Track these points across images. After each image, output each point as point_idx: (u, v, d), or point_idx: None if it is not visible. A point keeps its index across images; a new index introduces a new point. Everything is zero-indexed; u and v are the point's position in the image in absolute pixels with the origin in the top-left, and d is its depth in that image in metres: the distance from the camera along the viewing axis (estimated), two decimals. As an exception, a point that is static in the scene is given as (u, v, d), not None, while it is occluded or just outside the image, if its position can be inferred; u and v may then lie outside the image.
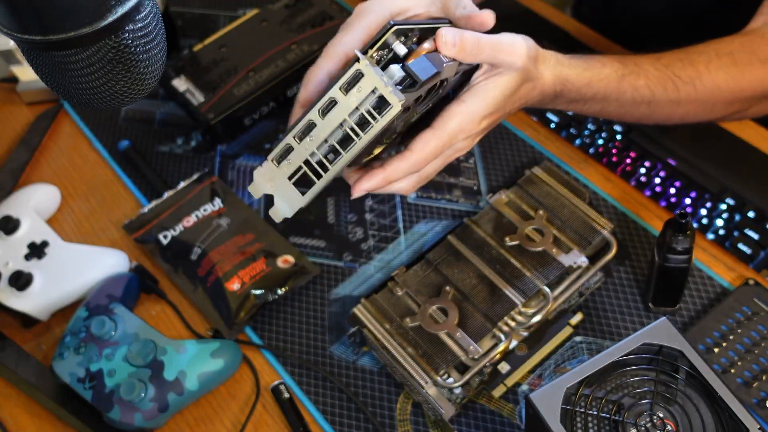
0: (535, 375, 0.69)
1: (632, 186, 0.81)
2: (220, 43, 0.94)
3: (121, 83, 0.48)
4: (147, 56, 0.48)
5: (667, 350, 0.57)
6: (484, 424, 0.67)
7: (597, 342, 0.70)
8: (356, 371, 0.71)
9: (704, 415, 0.56)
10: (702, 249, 0.75)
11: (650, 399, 0.56)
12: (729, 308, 0.69)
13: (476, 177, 0.83)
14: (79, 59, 0.45)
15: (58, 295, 0.75)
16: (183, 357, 0.68)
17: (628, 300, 0.72)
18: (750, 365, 0.66)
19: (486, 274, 0.70)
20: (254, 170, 0.56)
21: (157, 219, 0.81)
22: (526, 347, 0.69)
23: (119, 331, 0.70)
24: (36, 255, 0.76)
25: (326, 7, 0.96)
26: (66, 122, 0.95)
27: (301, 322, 0.75)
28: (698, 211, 0.78)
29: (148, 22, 0.47)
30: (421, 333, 0.67)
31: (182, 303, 0.78)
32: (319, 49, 0.91)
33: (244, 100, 0.87)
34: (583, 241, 0.71)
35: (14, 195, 0.83)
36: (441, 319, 0.68)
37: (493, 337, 0.67)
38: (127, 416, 0.66)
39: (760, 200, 0.78)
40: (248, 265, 0.75)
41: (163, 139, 0.92)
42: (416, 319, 0.68)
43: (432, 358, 0.65)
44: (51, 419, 0.71)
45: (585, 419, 0.56)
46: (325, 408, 0.69)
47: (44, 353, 0.75)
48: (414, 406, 0.68)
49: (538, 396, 0.56)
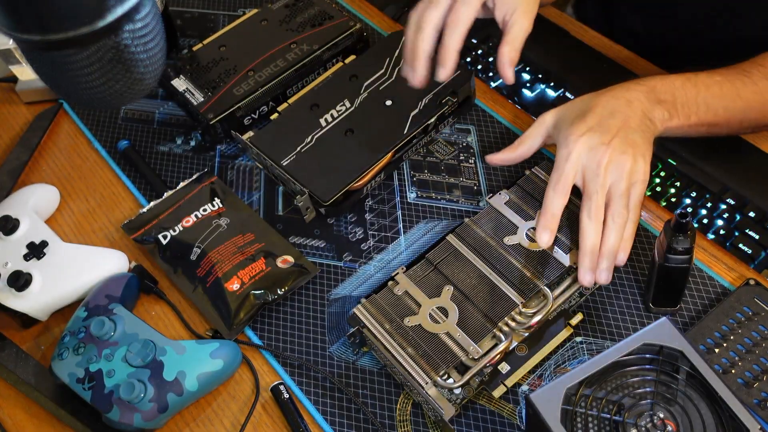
0: (536, 375, 0.69)
1: (632, 186, 0.81)
2: (219, 43, 0.94)
3: (120, 83, 0.48)
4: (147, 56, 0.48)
5: (667, 350, 0.57)
6: (484, 424, 0.66)
7: (597, 342, 0.70)
8: (356, 371, 0.71)
9: (705, 415, 0.56)
10: (702, 249, 0.75)
11: (651, 399, 0.56)
12: (729, 308, 0.69)
13: (476, 177, 0.83)
14: (79, 59, 0.45)
15: (57, 295, 0.75)
16: (182, 357, 0.68)
17: (629, 300, 0.72)
18: (751, 365, 0.66)
19: (486, 274, 0.70)
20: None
21: (156, 219, 0.81)
22: (526, 347, 0.69)
23: (118, 332, 0.70)
24: (35, 255, 0.76)
25: (326, 6, 0.96)
26: (65, 122, 0.95)
27: (301, 322, 0.75)
28: (698, 211, 0.78)
29: (147, 22, 0.47)
30: (421, 333, 0.67)
31: (181, 303, 0.78)
32: (319, 48, 0.92)
33: (243, 99, 0.87)
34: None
35: (13, 195, 0.83)
36: (441, 320, 0.68)
37: (494, 337, 0.67)
38: (127, 417, 0.66)
39: (760, 200, 0.77)
40: (248, 266, 0.75)
41: (162, 139, 0.92)
42: (416, 319, 0.68)
43: (432, 359, 0.65)
44: (50, 420, 0.71)
45: (585, 419, 0.56)
46: (325, 408, 0.69)
47: (43, 353, 0.75)
48: (414, 407, 0.68)
49: (538, 396, 0.56)
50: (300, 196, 0.78)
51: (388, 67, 0.87)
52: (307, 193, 0.78)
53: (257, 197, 0.84)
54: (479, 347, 0.65)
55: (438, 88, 0.84)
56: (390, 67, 0.87)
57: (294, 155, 0.81)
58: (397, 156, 0.82)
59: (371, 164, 0.80)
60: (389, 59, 0.88)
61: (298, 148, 0.81)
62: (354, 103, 0.85)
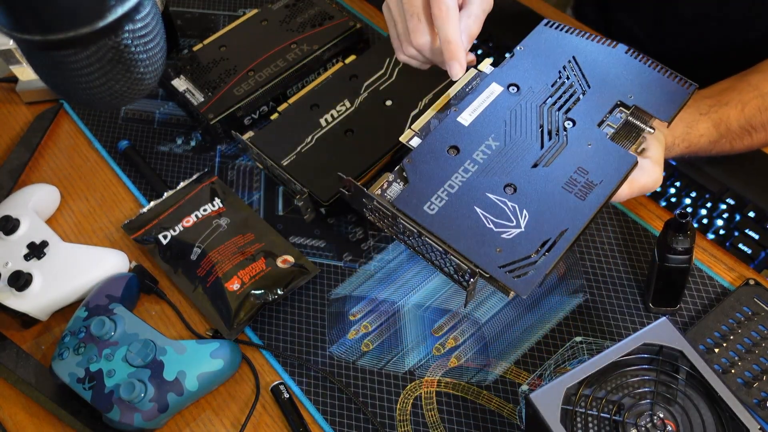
0: (535, 375, 0.69)
1: (632, 186, 0.81)
2: (219, 43, 0.94)
3: (120, 83, 0.48)
4: (147, 56, 0.48)
5: (667, 350, 0.57)
6: (484, 424, 0.67)
7: (597, 342, 0.70)
8: (356, 371, 0.71)
9: (704, 415, 0.56)
10: (702, 249, 0.75)
11: (650, 399, 0.56)
12: (729, 308, 0.69)
13: (476, 177, 0.83)
14: (79, 59, 0.45)
15: (57, 295, 0.75)
16: (183, 357, 0.68)
17: (628, 300, 0.72)
18: (750, 365, 0.66)
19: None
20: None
21: (156, 219, 0.81)
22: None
23: (119, 332, 0.70)
24: (35, 255, 0.76)
25: (326, 6, 0.96)
26: (65, 122, 0.95)
27: (301, 322, 0.75)
28: (698, 211, 0.78)
29: (148, 22, 0.47)
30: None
31: (182, 303, 0.78)
32: (319, 48, 0.92)
33: (243, 99, 0.87)
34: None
35: (13, 195, 0.83)
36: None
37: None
38: (127, 416, 0.66)
39: (760, 200, 0.77)
40: (248, 266, 0.75)
41: (162, 139, 0.92)
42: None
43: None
44: (50, 419, 0.71)
45: (585, 419, 0.56)
46: (325, 408, 0.69)
47: (44, 353, 0.75)
48: (414, 407, 0.68)
49: (538, 396, 0.56)
50: (300, 196, 0.78)
51: (388, 67, 0.87)
52: (307, 193, 0.78)
53: (257, 197, 0.84)
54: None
55: (438, 88, 0.84)
56: (390, 67, 0.87)
57: (294, 155, 0.81)
58: (396, 156, 0.81)
59: (371, 164, 0.80)
60: (389, 59, 0.88)
61: (298, 148, 0.81)
62: (354, 103, 0.85)
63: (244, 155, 0.88)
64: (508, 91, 0.64)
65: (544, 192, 0.59)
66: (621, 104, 0.63)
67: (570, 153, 0.61)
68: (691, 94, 0.63)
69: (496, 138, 0.62)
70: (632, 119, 0.63)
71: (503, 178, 0.60)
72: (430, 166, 0.61)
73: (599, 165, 0.60)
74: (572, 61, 0.65)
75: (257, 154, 0.82)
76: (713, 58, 0.90)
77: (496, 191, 0.59)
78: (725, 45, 0.91)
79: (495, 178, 0.60)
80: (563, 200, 0.58)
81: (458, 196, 0.59)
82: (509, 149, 0.61)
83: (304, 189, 0.78)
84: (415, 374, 0.70)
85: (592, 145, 0.61)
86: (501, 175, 0.60)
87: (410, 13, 0.64)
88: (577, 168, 0.60)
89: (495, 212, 0.58)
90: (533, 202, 0.59)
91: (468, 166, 0.61)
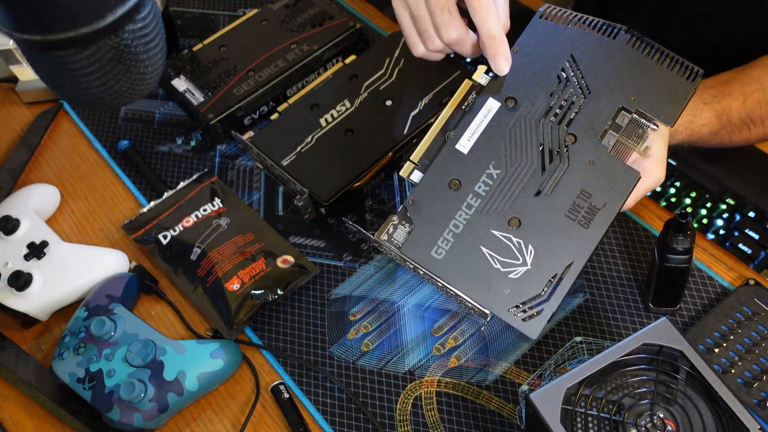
0: (535, 375, 0.69)
1: (632, 186, 0.81)
2: (219, 43, 0.94)
3: (121, 83, 0.48)
4: (147, 56, 0.48)
5: (667, 350, 0.57)
6: (484, 424, 0.67)
7: (597, 342, 0.70)
8: (356, 371, 0.71)
9: (704, 415, 0.56)
10: (702, 249, 0.75)
11: (650, 399, 0.56)
12: (729, 308, 0.69)
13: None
14: (79, 59, 0.45)
15: (57, 295, 0.75)
16: (183, 357, 0.68)
17: (628, 300, 0.72)
18: (750, 365, 0.66)
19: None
20: None
21: (156, 219, 0.81)
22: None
23: (119, 332, 0.70)
24: (35, 255, 0.76)
25: (326, 6, 0.96)
26: (65, 122, 0.95)
27: (301, 322, 0.75)
28: (698, 211, 0.78)
29: (148, 22, 0.47)
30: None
31: (182, 303, 0.78)
32: (319, 48, 0.92)
33: (243, 99, 0.87)
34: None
35: (13, 195, 0.83)
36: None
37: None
38: (127, 416, 0.66)
39: (760, 200, 0.78)
40: (248, 266, 0.75)
41: (162, 139, 0.92)
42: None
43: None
44: (50, 419, 0.71)
45: (585, 419, 0.56)
46: (325, 408, 0.69)
47: (44, 353, 0.75)
48: (414, 407, 0.68)
49: (538, 396, 0.56)
50: (300, 196, 0.78)
51: (388, 67, 0.87)
52: (307, 193, 0.78)
53: (257, 197, 0.84)
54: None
55: (438, 88, 0.84)
56: (390, 67, 0.87)
57: (294, 155, 0.81)
58: (397, 156, 0.82)
59: (371, 164, 0.80)
60: (389, 59, 0.88)
61: (298, 148, 0.81)
62: (354, 103, 0.85)
63: (244, 155, 0.88)
64: (505, 107, 0.63)
65: (548, 222, 0.59)
66: (623, 109, 0.62)
67: (572, 176, 0.60)
68: (696, 88, 0.62)
69: (496, 165, 0.61)
70: (636, 117, 0.62)
71: (507, 212, 0.59)
72: (433, 205, 0.60)
73: (602, 186, 0.59)
74: (571, 62, 0.64)
75: (257, 154, 0.82)
76: (713, 58, 0.90)
77: (500, 227, 0.59)
78: (725, 45, 0.91)
79: (499, 213, 0.59)
80: (567, 229, 0.58)
81: (464, 237, 0.59)
82: (510, 177, 0.60)
83: (304, 189, 0.78)
84: (415, 374, 0.70)
85: (594, 164, 0.60)
86: (504, 208, 0.59)
87: (440, 8, 0.62)
88: (580, 192, 0.59)
89: (501, 250, 0.58)
90: (538, 235, 0.58)
91: (471, 201, 0.60)
